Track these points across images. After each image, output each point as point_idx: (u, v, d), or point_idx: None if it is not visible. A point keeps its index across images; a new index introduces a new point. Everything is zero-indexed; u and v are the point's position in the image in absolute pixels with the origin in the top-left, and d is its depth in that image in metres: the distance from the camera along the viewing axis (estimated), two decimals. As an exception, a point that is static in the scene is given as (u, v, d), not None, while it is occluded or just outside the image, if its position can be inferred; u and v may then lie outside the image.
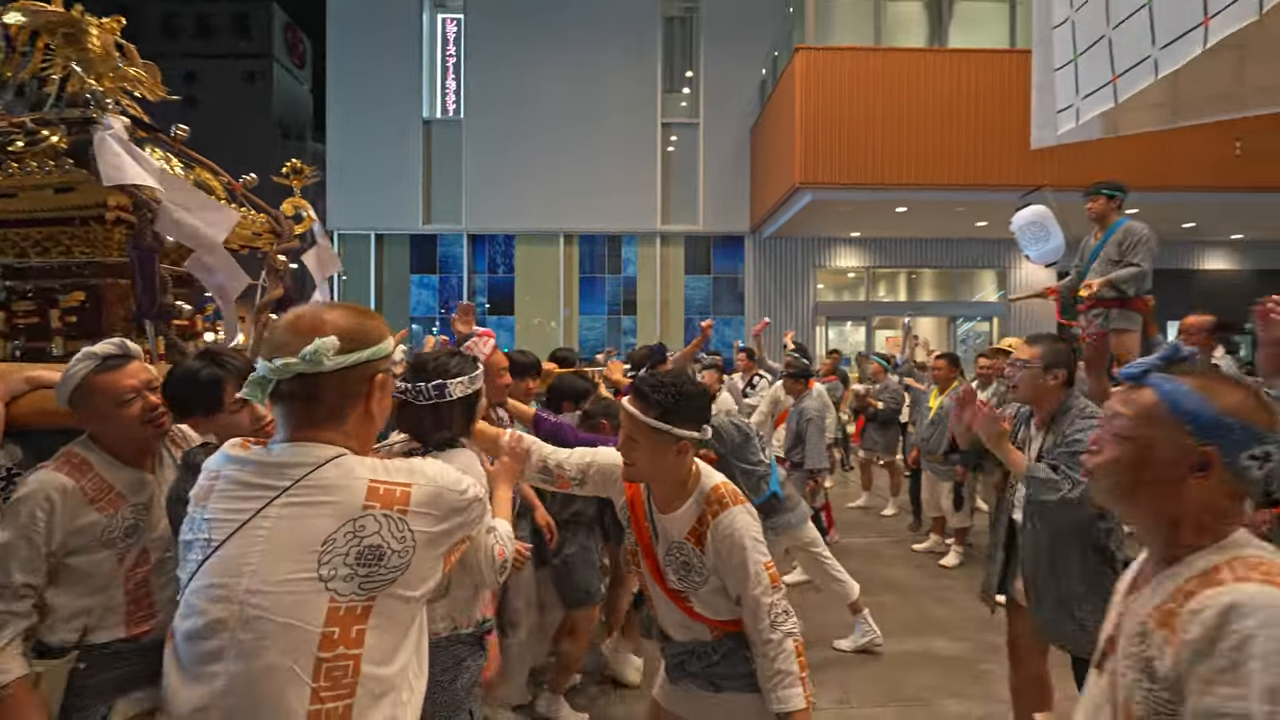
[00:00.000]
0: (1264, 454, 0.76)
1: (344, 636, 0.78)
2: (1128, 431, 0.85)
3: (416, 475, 0.89)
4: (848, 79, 7.55)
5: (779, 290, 10.50)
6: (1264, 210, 8.21)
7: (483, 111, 10.52)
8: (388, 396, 0.98)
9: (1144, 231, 3.32)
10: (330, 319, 0.88)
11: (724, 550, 1.36)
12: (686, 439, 1.36)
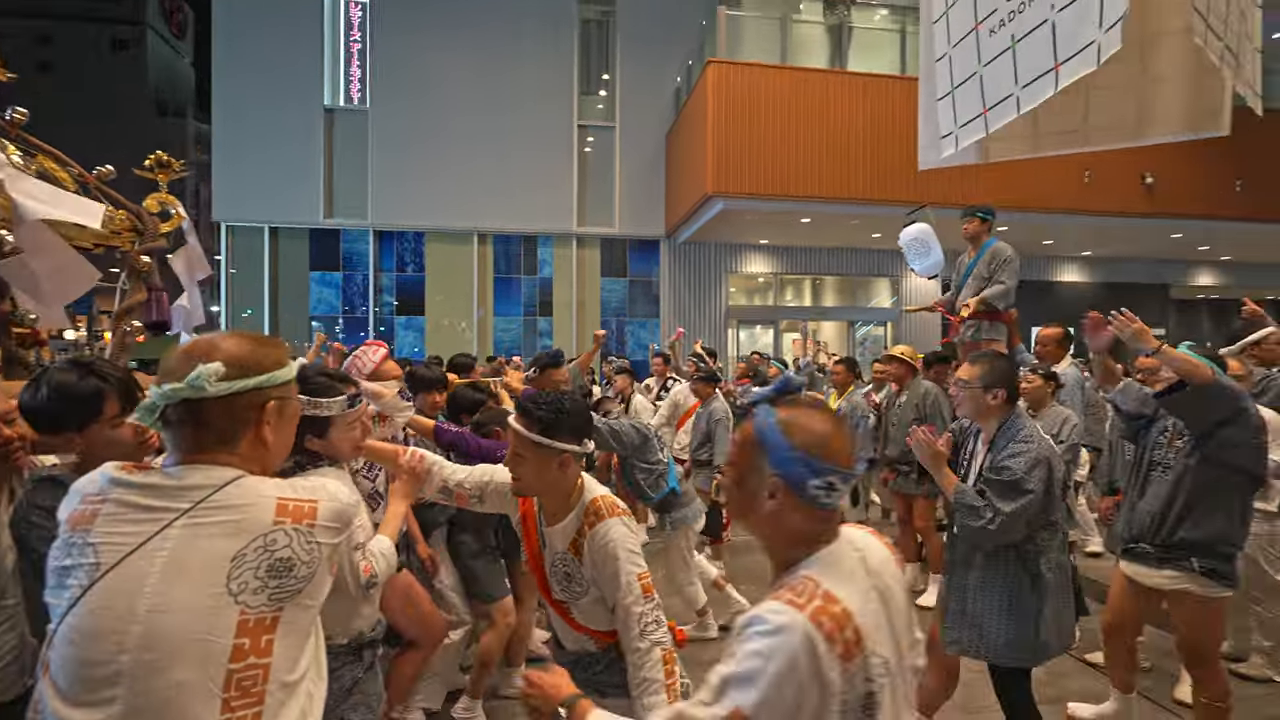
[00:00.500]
0: (828, 484, 0.86)
1: (254, 647, 0.82)
2: (732, 457, 0.98)
3: (319, 492, 0.94)
4: (757, 94, 7.88)
5: (693, 294, 10.78)
6: (1109, 231, 9.39)
7: (390, 102, 10.05)
8: (289, 423, 1.00)
9: (1009, 252, 3.72)
10: (223, 346, 0.91)
11: (599, 560, 1.40)
12: (568, 452, 1.41)
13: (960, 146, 3.59)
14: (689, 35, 10.11)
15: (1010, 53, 3.17)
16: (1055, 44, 2.87)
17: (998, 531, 1.90)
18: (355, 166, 10.13)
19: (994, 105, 3.30)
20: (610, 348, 10.79)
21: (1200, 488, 2.11)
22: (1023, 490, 1.88)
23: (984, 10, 3.36)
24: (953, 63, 3.65)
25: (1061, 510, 2.03)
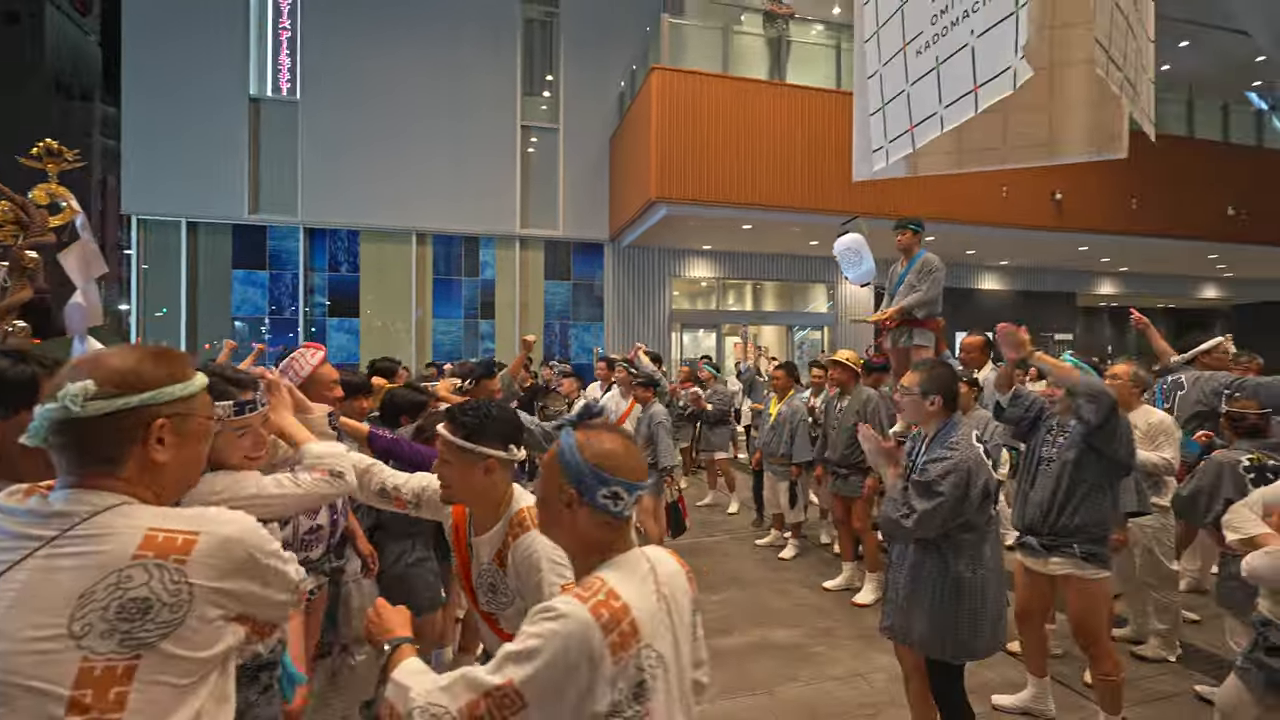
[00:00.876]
0: (614, 493, 1.00)
1: (99, 700, 0.73)
2: (541, 475, 1.10)
3: (207, 524, 0.84)
4: (699, 101, 8.00)
5: (637, 297, 10.81)
6: (1023, 243, 10.06)
7: (323, 95, 9.60)
8: (188, 443, 0.91)
9: (936, 263, 3.91)
10: (106, 362, 0.83)
11: (523, 571, 1.41)
12: (494, 457, 1.43)
13: (890, 160, 3.74)
14: (633, 40, 10.16)
15: (935, 73, 3.33)
16: (975, 67, 3.04)
17: (911, 527, 2.03)
18: (284, 161, 9.62)
19: (920, 122, 3.45)
20: (554, 351, 10.69)
21: (1078, 478, 2.35)
22: (935, 492, 2.00)
23: (911, 32, 3.52)
24: (883, 80, 3.81)
25: (985, 515, 2.08)
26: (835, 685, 2.99)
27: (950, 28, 3.28)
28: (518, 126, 10.42)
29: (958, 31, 3.23)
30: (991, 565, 2.12)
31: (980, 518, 2.07)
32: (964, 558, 2.07)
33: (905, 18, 3.60)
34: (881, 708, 2.81)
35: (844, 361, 4.14)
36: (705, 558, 4.81)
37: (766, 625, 3.63)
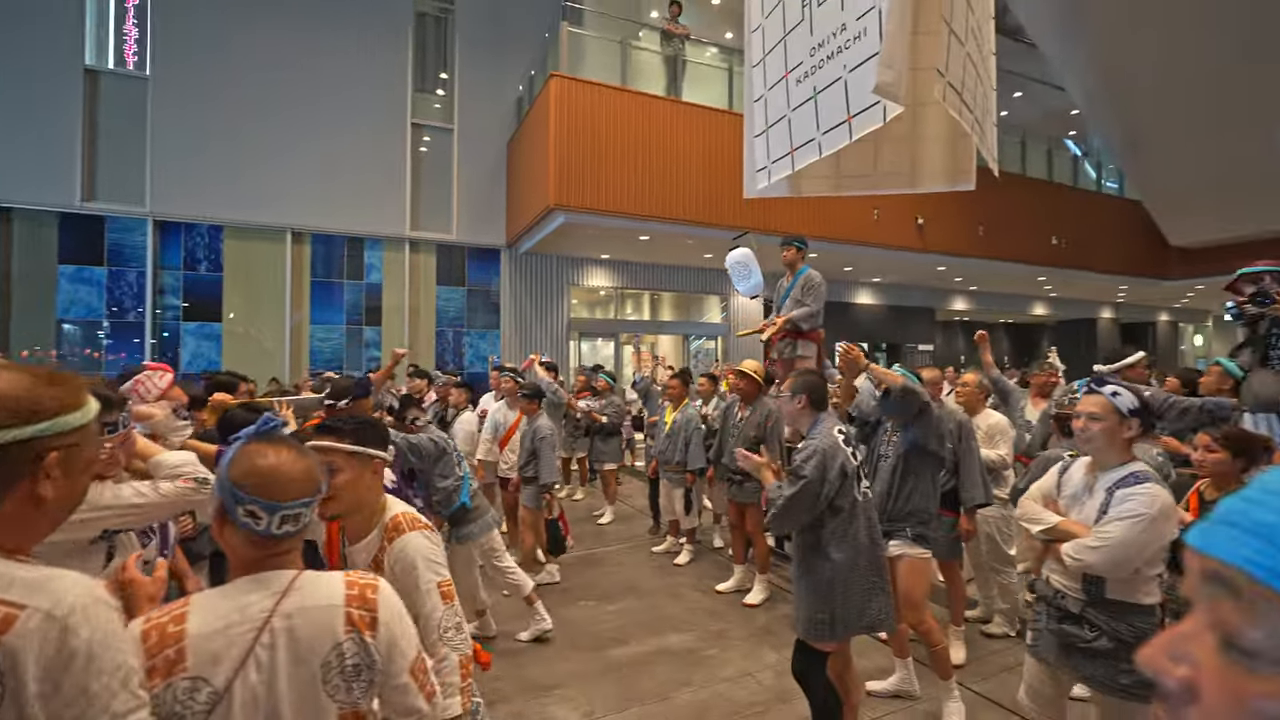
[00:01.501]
0: (250, 511, 1.01)
1: None
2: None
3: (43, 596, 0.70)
4: (599, 112, 8.05)
5: (535, 305, 10.65)
6: (891, 262, 11.04)
7: (179, 72, 8.60)
8: (75, 477, 0.81)
9: (818, 279, 4.18)
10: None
11: (400, 572, 1.47)
12: (379, 458, 1.54)
13: (772, 180, 3.96)
14: (531, 45, 10.05)
15: (813, 101, 3.57)
16: (849, 99, 3.29)
17: (782, 512, 2.18)
18: (129, 143, 8.50)
19: (800, 146, 3.69)
20: (448, 359, 10.25)
21: (907, 471, 2.72)
22: (800, 476, 2.17)
23: (792, 61, 3.75)
24: (767, 104, 4.03)
25: (848, 496, 2.24)
26: (727, 686, 3.07)
27: (826, 61, 3.53)
28: (408, 124, 9.94)
29: (833, 65, 3.48)
30: (861, 546, 2.24)
31: (844, 499, 2.22)
32: (833, 540, 2.22)
33: (787, 48, 3.83)
34: (770, 705, 2.92)
35: (748, 372, 4.25)
36: (600, 568, 4.79)
37: (661, 632, 3.67)
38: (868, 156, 3.95)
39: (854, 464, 2.27)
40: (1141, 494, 1.70)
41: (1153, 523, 1.67)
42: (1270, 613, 0.35)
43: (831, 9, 3.47)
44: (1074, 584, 1.83)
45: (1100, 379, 1.92)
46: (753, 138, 4.16)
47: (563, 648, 3.48)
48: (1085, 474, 1.91)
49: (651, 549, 5.20)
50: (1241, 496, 0.39)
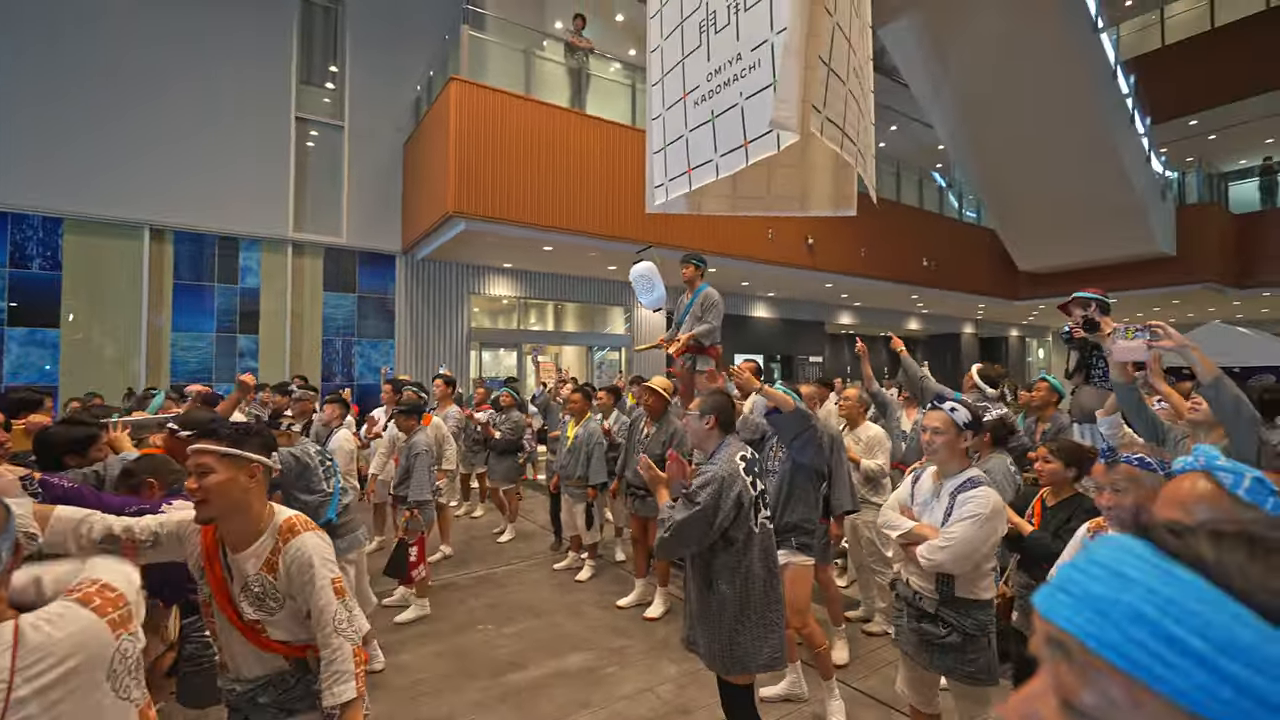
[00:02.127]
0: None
1: None
2: None
3: None
4: (502, 119, 7.90)
5: (434, 314, 10.21)
6: (785, 278, 11.67)
7: (10, 32, 7.47)
8: None
9: (716, 297, 4.32)
10: None
11: (294, 571, 1.55)
12: (258, 462, 1.57)
13: (669, 197, 4.06)
14: (430, 44, 9.70)
15: (711, 125, 3.70)
16: (745, 125, 3.45)
17: (671, 538, 2.12)
18: (-64, 117, 7.26)
19: (697, 166, 3.81)
20: (335, 370, 9.58)
21: (792, 484, 2.87)
22: (693, 503, 2.12)
23: (690, 84, 3.87)
24: (665, 123, 4.14)
25: (743, 528, 2.16)
26: (625, 705, 3.07)
27: (724, 86, 3.67)
28: (292, 117, 9.23)
29: (730, 91, 3.63)
30: (755, 579, 2.16)
31: (738, 531, 2.15)
32: (724, 573, 2.15)
33: (685, 70, 3.95)
34: (668, 717, 2.95)
35: (657, 389, 4.28)
36: (500, 589, 4.64)
37: (560, 653, 3.60)
38: (762, 180, 4.16)
39: (752, 494, 2.19)
40: (978, 496, 1.93)
41: (987, 521, 1.90)
42: (1100, 680, 0.37)
43: (727, 39, 3.62)
44: (928, 585, 2.03)
45: (941, 397, 2.14)
46: (652, 154, 4.25)
47: (458, 677, 3.33)
48: (933, 482, 2.12)
49: (553, 566, 5.11)
50: (1077, 565, 0.42)
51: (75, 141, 7.78)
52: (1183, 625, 0.35)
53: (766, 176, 4.15)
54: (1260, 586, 0.35)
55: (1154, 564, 0.38)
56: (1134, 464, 1.60)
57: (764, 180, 4.20)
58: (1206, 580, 0.36)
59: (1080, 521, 2.15)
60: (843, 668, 3.33)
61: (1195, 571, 0.37)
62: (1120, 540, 0.41)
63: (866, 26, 3.59)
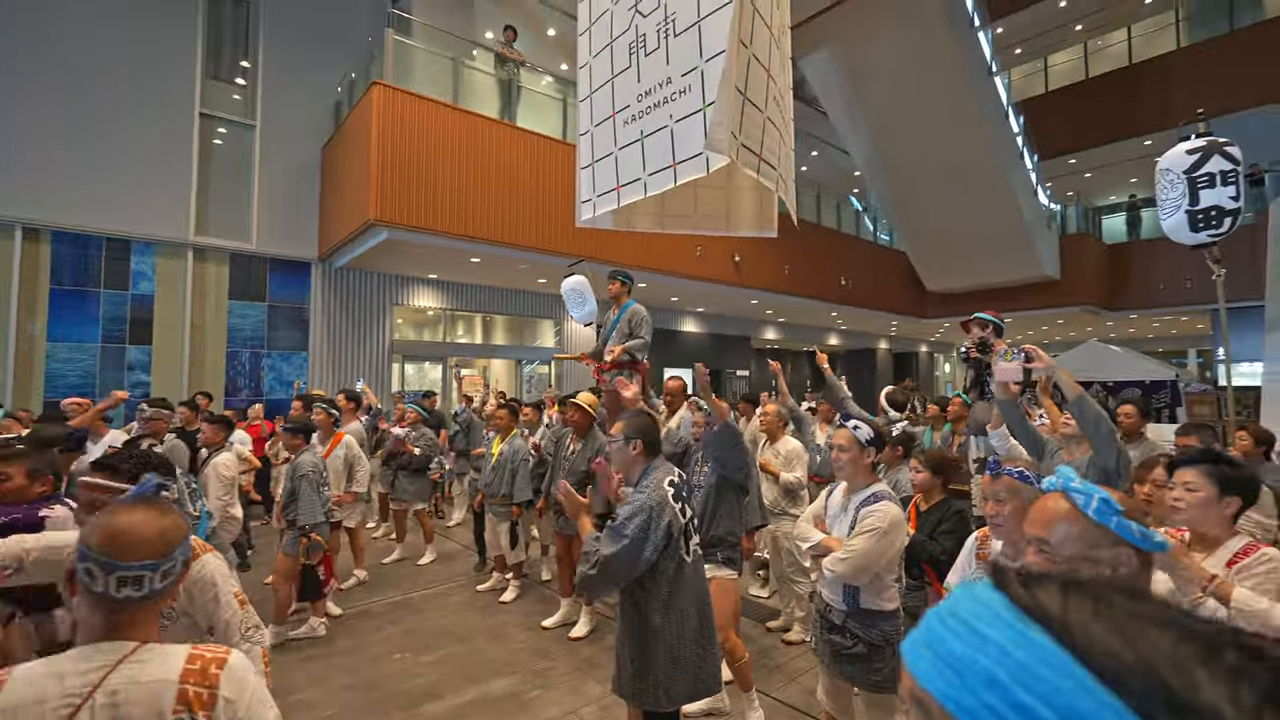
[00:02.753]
0: (86, 569, 0.99)
1: None
2: None
3: None
4: (428, 127, 7.70)
5: (353, 325, 9.75)
6: (713, 295, 11.96)
7: None
8: None
9: (644, 313, 4.37)
10: None
11: (197, 591, 1.64)
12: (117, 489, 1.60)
13: (597, 213, 4.09)
14: (352, 45, 9.36)
15: (640, 144, 3.77)
16: (674, 147, 3.53)
17: (597, 575, 1.95)
18: None
19: (626, 184, 3.86)
20: (240, 385, 8.95)
21: (719, 498, 2.89)
22: (620, 535, 1.97)
23: (620, 103, 3.93)
24: (594, 140, 4.17)
25: (673, 557, 2.06)
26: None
27: (653, 108, 3.75)
28: (196, 113, 8.63)
29: (660, 113, 3.71)
30: (687, 610, 2.08)
31: (668, 561, 2.05)
32: (656, 603, 2.04)
33: (615, 89, 4.01)
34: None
35: (582, 405, 4.24)
36: (419, 614, 4.44)
37: (483, 679, 3.49)
38: (689, 200, 4.26)
39: (682, 521, 2.08)
40: (877, 511, 2.05)
41: (885, 534, 2.02)
42: None
43: (657, 61, 3.70)
44: (837, 597, 2.12)
45: (846, 415, 2.26)
46: (581, 169, 4.27)
47: (369, 712, 3.16)
48: (843, 496, 2.23)
49: (476, 588, 4.95)
50: (940, 617, 0.42)
51: (-68, 128, 6.95)
52: (1032, 693, 0.35)
53: (693, 196, 4.26)
54: (1101, 649, 0.35)
55: (1008, 624, 0.38)
56: (1014, 477, 1.75)
57: (691, 200, 4.31)
58: (1055, 640, 0.36)
59: (950, 523, 2.32)
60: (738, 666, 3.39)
61: (1045, 629, 0.37)
62: (979, 593, 0.42)
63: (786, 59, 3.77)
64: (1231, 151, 3.43)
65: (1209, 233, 3.43)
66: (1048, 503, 1.07)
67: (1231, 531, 1.61)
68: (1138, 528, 0.97)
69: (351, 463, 4.55)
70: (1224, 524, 1.60)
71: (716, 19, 3.18)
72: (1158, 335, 19.54)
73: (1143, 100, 15.26)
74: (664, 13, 3.65)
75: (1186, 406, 9.02)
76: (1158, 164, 3.73)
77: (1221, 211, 3.38)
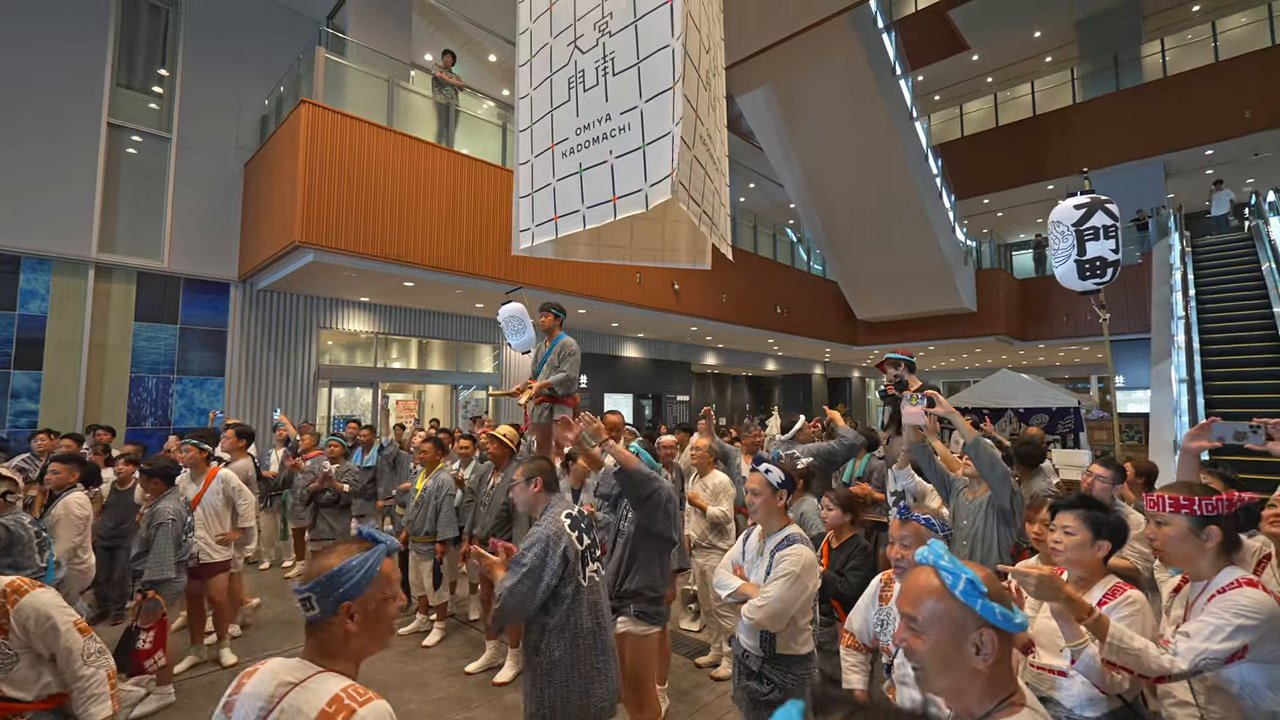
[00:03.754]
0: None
1: None
2: None
3: None
4: (360, 149, 7.51)
5: (275, 349, 9.25)
6: (653, 321, 12.09)
7: None
8: None
9: (574, 346, 4.35)
10: None
11: (32, 626, 1.72)
12: None
13: (535, 242, 4.07)
14: (281, 60, 9.05)
15: (579, 177, 3.79)
16: (614, 182, 3.57)
17: (503, 604, 2.06)
18: None
19: (564, 215, 3.86)
20: (145, 413, 8.30)
21: (637, 549, 2.74)
22: (519, 565, 2.09)
23: (559, 135, 3.95)
24: (534, 169, 4.17)
25: (571, 583, 2.14)
26: (468, 785, 2.87)
27: (593, 143, 3.78)
28: (103, 122, 8.09)
29: (599, 148, 3.75)
30: (583, 632, 2.15)
31: (566, 586, 2.14)
32: (554, 631, 2.12)
33: (554, 121, 4.03)
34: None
35: (500, 438, 4.15)
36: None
37: (399, 732, 3.30)
38: (625, 231, 4.31)
39: (579, 547, 2.20)
40: (790, 554, 2.09)
41: (798, 578, 2.05)
42: None
43: (596, 98, 3.75)
44: (754, 643, 2.13)
45: (759, 459, 2.31)
46: (519, 198, 4.25)
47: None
48: (758, 539, 2.27)
49: (398, 631, 4.71)
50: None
51: None
52: None
53: (629, 227, 4.31)
54: None
55: None
56: (921, 523, 1.82)
57: (627, 231, 4.36)
58: None
59: (857, 560, 2.39)
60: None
61: None
62: (785, 712, 0.44)
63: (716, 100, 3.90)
64: (1111, 208, 3.78)
65: (1094, 281, 3.75)
66: (919, 578, 1.06)
67: (1102, 573, 1.72)
68: (1000, 610, 0.98)
69: (232, 497, 4.24)
70: (1096, 566, 1.71)
71: (656, 61, 3.26)
72: (1063, 363, 21.09)
73: (1044, 148, 16.68)
74: (602, 51, 3.72)
75: (1088, 432, 9.72)
76: (1051, 215, 4.06)
77: (1105, 262, 3.71)
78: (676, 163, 3.21)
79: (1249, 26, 15.08)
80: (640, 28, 3.34)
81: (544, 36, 4.20)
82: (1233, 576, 1.60)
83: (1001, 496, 2.27)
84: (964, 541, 2.58)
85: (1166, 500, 1.69)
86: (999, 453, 2.41)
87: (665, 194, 3.01)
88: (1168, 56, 15.66)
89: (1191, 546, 1.65)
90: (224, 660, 4.08)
